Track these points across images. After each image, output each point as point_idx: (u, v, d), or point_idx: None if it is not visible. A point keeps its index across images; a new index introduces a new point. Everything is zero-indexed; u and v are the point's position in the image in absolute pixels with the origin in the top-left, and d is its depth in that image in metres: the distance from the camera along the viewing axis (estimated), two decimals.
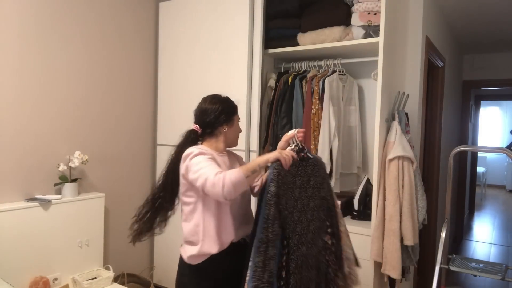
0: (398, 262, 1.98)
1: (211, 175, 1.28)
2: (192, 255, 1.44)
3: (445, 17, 3.32)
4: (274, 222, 1.30)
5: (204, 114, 1.50)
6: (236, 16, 2.44)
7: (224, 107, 1.50)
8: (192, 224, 1.45)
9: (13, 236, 1.95)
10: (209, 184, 1.27)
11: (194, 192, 1.42)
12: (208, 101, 1.52)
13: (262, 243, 1.28)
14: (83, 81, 2.43)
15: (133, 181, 2.82)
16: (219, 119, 1.48)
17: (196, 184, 1.33)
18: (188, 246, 1.47)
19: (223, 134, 1.52)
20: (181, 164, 1.42)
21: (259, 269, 1.26)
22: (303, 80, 2.39)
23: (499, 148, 2.19)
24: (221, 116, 1.48)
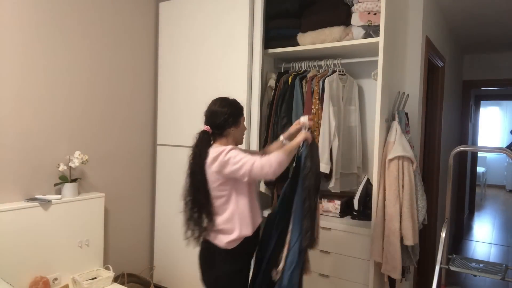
0: (398, 262, 1.98)
1: (256, 161, 1.50)
2: (231, 241, 1.61)
3: (445, 17, 3.32)
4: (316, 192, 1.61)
5: (214, 117, 1.65)
6: (236, 16, 2.44)
7: (232, 110, 1.65)
8: (227, 214, 1.61)
9: (13, 236, 1.95)
10: (257, 167, 1.50)
11: (228, 184, 1.59)
12: (217, 104, 1.67)
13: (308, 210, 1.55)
14: (83, 81, 2.42)
15: (133, 181, 2.82)
16: (227, 121, 1.63)
17: (238, 173, 1.52)
18: (222, 235, 1.63)
19: (231, 134, 1.67)
20: (211, 164, 1.57)
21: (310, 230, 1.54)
22: (303, 80, 2.39)
23: (499, 148, 2.19)
24: (229, 119, 1.63)
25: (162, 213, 2.87)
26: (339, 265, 2.28)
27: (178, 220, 2.77)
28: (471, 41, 4.14)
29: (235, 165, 1.52)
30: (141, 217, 2.90)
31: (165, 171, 2.85)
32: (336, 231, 2.30)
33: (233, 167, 1.52)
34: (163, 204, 2.87)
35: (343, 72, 2.40)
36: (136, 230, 2.86)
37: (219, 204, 1.62)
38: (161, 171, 2.87)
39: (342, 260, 2.27)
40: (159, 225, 2.89)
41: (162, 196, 2.87)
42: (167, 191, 2.83)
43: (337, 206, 2.45)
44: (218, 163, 1.54)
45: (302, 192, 1.58)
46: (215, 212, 1.63)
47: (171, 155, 2.81)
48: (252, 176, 1.53)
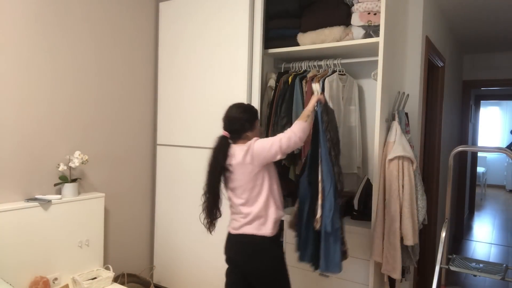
0: (398, 262, 1.98)
1: (281, 136, 1.67)
2: (272, 227, 1.75)
3: (445, 17, 3.32)
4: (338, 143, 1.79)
5: (231, 123, 1.80)
6: (236, 16, 2.44)
7: (247, 116, 1.79)
8: (262, 202, 1.74)
9: (13, 236, 1.95)
10: (285, 140, 1.65)
11: (262, 172, 1.73)
12: (233, 111, 1.81)
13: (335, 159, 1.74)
14: (83, 81, 2.43)
15: (133, 181, 2.82)
16: (244, 126, 1.78)
17: (271, 154, 1.67)
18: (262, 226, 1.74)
19: (248, 137, 1.79)
20: (244, 158, 1.70)
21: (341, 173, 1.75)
22: (303, 80, 2.39)
23: (499, 148, 2.19)
24: (245, 124, 1.78)
25: (162, 213, 2.87)
26: None
27: (178, 220, 2.78)
28: (471, 41, 4.14)
29: (266, 148, 1.68)
30: (141, 217, 2.90)
31: (165, 171, 2.85)
32: None
33: (265, 151, 1.68)
34: (163, 204, 2.87)
35: (343, 72, 2.40)
36: (136, 230, 2.86)
37: (254, 195, 1.74)
38: (161, 171, 2.87)
39: None
40: (159, 225, 2.89)
41: (162, 196, 2.87)
42: (167, 191, 2.83)
43: None
44: (250, 155, 1.70)
45: (325, 144, 1.74)
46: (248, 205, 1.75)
47: (171, 155, 2.81)
48: (283, 151, 1.67)
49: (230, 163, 1.73)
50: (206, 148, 2.61)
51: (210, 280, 2.61)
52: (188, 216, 2.72)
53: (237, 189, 1.76)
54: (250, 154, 1.69)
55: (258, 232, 1.74)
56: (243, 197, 1.76)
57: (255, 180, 1.73)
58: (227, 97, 2.50)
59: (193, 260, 2.70)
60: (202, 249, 2.64)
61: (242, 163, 1.71)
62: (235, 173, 1.73)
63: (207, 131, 2.61)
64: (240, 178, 1.73)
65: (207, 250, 2.62)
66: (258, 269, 1.75)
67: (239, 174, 1.73)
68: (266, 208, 1.75)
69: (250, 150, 1.70)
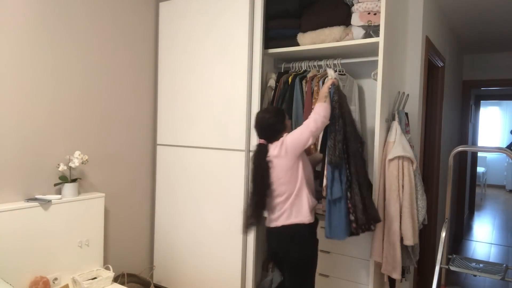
0: (398, 262, 1.98)
1: (307, 122, 1.85)
2: (309, 214, 1.88)
3: (445, 17, 3.32)
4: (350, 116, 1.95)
5: (265, 131, 1.94)
6: (236, 16, 2.45)
7: (278, 120, 1.93)
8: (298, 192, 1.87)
9: (13, 236, 1.95)
10: (313, 123, 1.84)
11: (295, 164, 1.86)
12: (264, 119, 1.94)
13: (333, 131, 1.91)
14: (83, 81, 2.43)
15: (133, 181, 2.82)
16: (278, 130, 1.93)
17: (304, 141, 1.83)
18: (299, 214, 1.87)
19: (283, 135, 1.93)
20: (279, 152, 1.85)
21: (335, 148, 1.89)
22: (303, 80, 2.39)
23: (499, 148, 2.19)
24: (278, 127, 1.93)
25: (162, 213, 2.87)
26: (339, 265, 2.29)
27: (178, 220, 2.78)
28: (471, 41, 4.14)
29: (297, 137, 1.84)
30: (141, 217, 2.91)
31: (165, 171, 2.85)
32: None
33: (297, 140, 1.84)
34: (163, 204, 2.87)
35: (343, 72, 2.40)
36: (136, 230, 2.86)
37: (292, 184, 1.87)
38: (161, 171, 2.87)
39: (342, 260, 2.27)
40: (159, 225, 2.89)
41: (162, 196, 2.87)
42: (167, 191, 2.84)
43: None
44: (284, 148, 1.85)
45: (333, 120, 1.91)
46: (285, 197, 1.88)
47: (171, 155, 2.81)
48: (314, 134, 1.84)
49: (271, 159, 1.87)
50: (206, 148, 2.61)
51: (210, 280, 2.61)
52: (188, 216, 2.72)
53: (275, 183, 1.88)
54: (284, 148, 1.85)
55: (296, 220, 1.87)
56: (281, 190, 1.88)
57: (292, 171, 1.86)
58: (227, 96, 2.50)
59: (193, 260, 2.70)
60: (202, 249, 2.64)
61: (278, 157, 1.86)
62: (274, 168, 1.87)
63: (207, 131, 2.61)
64: (277, 172, 1.86)
65: (207, 250, 2.62)
66: (294, 256, 1.88)
67: (277, 168, 1.86)
68: (302, 197, 1.87)
69: (284, 144, 1.85)
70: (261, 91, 2.44)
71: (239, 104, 2.44)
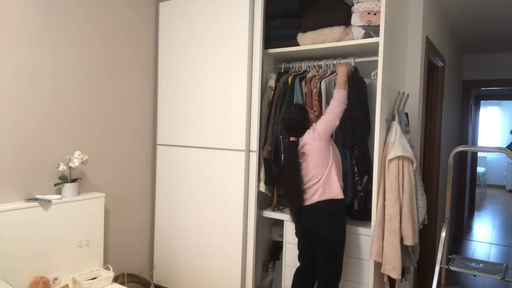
0: (398, 262, 1.98)
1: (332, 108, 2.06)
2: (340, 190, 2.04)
3: (445, 17, 3.32)
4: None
5: (294, 129, 2.09)
6: (236, 16, 2.45)
7: (303, 117, 2.08)
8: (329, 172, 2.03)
9: (13, 236, 1.95)
10: (339, 109, 2.05)
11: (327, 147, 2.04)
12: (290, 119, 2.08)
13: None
14: (83, 81, 2.43)
15: (133, 181, 2.82)
16: (305, 126, 2.09)
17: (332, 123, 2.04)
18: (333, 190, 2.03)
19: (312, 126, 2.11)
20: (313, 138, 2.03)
21: None
22: (303, 80, 2.39)
23: (499, 148, 2.19)
24: (305, 124, 2.09)
25: (162, 213, 2.87)
26: None
27: (178, 220, 2.78)
28: (471, 41, 4.14)
29: (327, 123, 2.04)
30: (141, 217, 2.91)
31: (165, 171, 2.85)
32: None
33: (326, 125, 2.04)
34: (163, 204, 2.87)
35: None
36: (136, 230, 2.86)
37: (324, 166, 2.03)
38: (161, 171, 2.87)
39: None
40: (159, 225, 2.89)
41: (162, 196, 2.87)
42: (167, 191, 2.84)
43: None
44: (317, 133, 2.03)
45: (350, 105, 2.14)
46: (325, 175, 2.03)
47: (171, 155, 2.81)
48: (339, 117, 2.06)
49: (302, 146, 2.06)
50: (206, 148, 2.61)
51: (210, 280, 2.61)
52: (188, 216, 2.72)
53: (309, 167, 2.04)
54: (317, 133, 2.03)
55: (330, 196, 2.02)
56: (315, 172, 2.03)
57: (325, 154, 2.03)
58: (227, 96, 2.50)
59: (193, 260, 2.70)
60: (202, 249, 2.64)
61: (313, 139, 2.03)
62: (309, 152, 2.04)
63: (207, 131, 2.61)
64: (312, 155, 2.03)
65: (207, 250, 2.62)
66: (325, 233, 2.02)
67: (311, 152, 2.03)
68: (332, 176, 2.04)
69: (316, 131, 2.04)
70: (261, 91, 2.44)
71: (239, 104, 2.44)
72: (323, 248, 2.04)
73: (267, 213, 2.52)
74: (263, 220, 2.59)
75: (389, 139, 2.12)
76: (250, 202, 2.44)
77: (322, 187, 2.03)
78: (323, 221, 2.03)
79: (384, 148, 2.14)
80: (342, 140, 2.26)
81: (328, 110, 2.07)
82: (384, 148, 2.14)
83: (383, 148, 2.14)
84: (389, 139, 2.12)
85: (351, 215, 2.42)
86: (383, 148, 2.14)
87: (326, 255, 2.04)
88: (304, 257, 2.18)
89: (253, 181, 2.43)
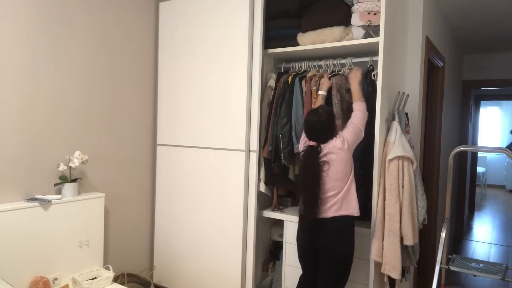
0: (398, 262, 1.98)
1: (357, 119, 2.00)
2: (358, 206, 1.95)
3: (445, 17, 3.32)
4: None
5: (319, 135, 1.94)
6: (236, 16, 2.45)
7: (330, 123, 1.95)
8: (349, 184, 1.95)
9: (13, 236, 1.95)
10: (363, 121, 2.01)
11: (351, 159, 1.96)
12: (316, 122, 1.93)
13: None
14: (83, 81, 2.43)
15: (133, 181, 2.82)
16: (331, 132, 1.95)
17: (360, 135, 1.98)
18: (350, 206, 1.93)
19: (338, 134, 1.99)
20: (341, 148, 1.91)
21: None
22: (303, 80, 2.39)
23: (499, 148, 2.19)
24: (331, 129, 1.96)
25: (162, 213, 2.87)
26: None
27: (178, 220, 2.78)
28: (471, 41, 4.14)
29: (355, 135, 1.97)
30: (141, 217, 2.91)
31: (165, 171, 2.85)
32: None
33: (355, 137, 1.96)
34: (163, 204, 2.87)
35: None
36: (136, 230, 2.86)
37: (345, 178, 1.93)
38: (161, 171, 2.87)
39: None
40: (159, 225, 2.89)
41: (162, 196, 2.87)
42: (167, 191, 2.84)
43: None
44: (346, 144, 1.92)
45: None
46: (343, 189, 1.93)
47: (171, 155, 2.81)
48: (363, 127, 2.01)
49: (326, 154, 1.92)
50: (206, 148, 2.61)
51: (210, 280, 2.61)
52: (188, 216, 2.72)
53: (330, 178, 1.92)
54: (346, 143, 1.92)
55: (346, 212, 1.93)
56: (334, 184, 1.92)
57: (347, 167, 1.94)
58: (227, 96, 2.50)
59: (193, 260, 2.70)
60: (202, 249, 2.64)
61: (341, 150, 1.92)
62: (332, 163, 1.91)
63: (207, 131, 2.61)
64: (335, 167, 1.92)
65: (207, 250, 2.62)
66: (338, 248, 1.92)
67: (335, 163, 1.92)
68: (352, 191, 1.95)
69: (346, 140, 1.93)
70: (261, 91, 2.44)
71: (239, 104, 2.45)
72: (335, 265, 1.93)
73: (267, 213, 2.52)
74: (263, 220, 2.59)
75: (389, 139, 2.12)
76: (250, 202, 2.44)
77: (340, 202, 1.92)
78: (341, 237, 1.92)
79: (384, 148, 2.14)
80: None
81: (353, 121, 1.99)
82: (384, 148, 2.14)
83: (383, 148, 2.14)
84: (389, 139, 2.12)
85: None
86: (383, 148, 2.14)
87: (337, 273, 1.93)
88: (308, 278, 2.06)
89: (253, 181, 2.43)
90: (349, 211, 1.92)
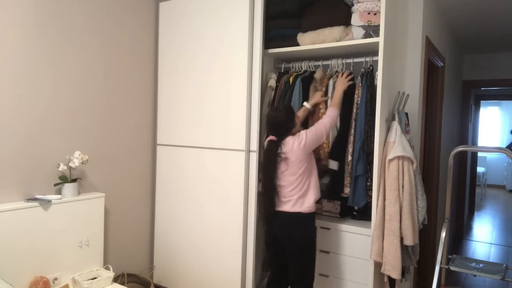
0: (398, 262, 1.98)
1: (324, 124, 2.05)
2: (313, 204, 2.05)
3: (445, 17, 3.32)
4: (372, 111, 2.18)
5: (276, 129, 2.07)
6: (236, 16, 2.45)
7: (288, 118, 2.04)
8: (306, 183, 2.03)
9: (13, 236, 1.95)
10: (328, 126, 2.06)
11: (308, 157, 2.03)
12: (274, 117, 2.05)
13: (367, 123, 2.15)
14: (83, 81, 2.43)
15: (133, 181, 2.82)
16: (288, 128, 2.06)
17: (320, 138, 2.03)
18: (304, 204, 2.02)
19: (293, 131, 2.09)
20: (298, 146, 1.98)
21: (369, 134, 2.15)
22: (304, 80, 2.39)
23: (499, 148, 2.19)
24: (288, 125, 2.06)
25: (162, 213, 2.87)
26: (339, 265, 2.29)
27: (178, 220, 2.78)
28: (471, 41, 4.14)
29: (316, 136, 2.02)
30: (141, 217, 2.91)
31: (165, 171, 2.85)
32: (336, 231, 2.30)
33: (315, 138, 2.02)
34: (163, 204, 2.87)
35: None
36: (136, 230, 2.86)
37: (302, 177, 2.01)
38: (161, 171, 2.87)
39: (342, 260, 2.27)
40: (159, 225, 2.89)
41: (162, 196, 2.87)
42: (167, 191, 2.84)
43: (337, 206, 2.45)
44: (303, 143, 1.99)
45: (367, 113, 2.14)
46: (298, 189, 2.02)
47: (171, 155, 2.81)
48: (327, 133, 2.06)
49: (284, 151, 2.00)
50: (206, 148, 2.61)
51: (210, 280, 2.61)
52: (188, 216, 2.72)
53: (286, 173, 2.02)
54: (303, 142, 1.99)
55: (300, 209, 2.02)
56: (291, 179, 2.02)
57: (304, 165, 2.01)
58: (227, 96, 2.50)
59: (193, 260, 2.70)
60: (202, 249, 2.64)
61: (297, 148, 1.99)
62: (289, 160, 1.99)
63: (207, 131, 2.61)
64: (291, 163, 2.00)
65: (207, 250, 2.62)
66: (297, 240, 2.03)
67: (291, 160, 1.99)
68: (308, 190, 2.04)
69: (304, 139, 2.00)
70: (261, 91, 2.44)
71: (239, 104, 2.45)
72: (297, 256, 2.04)
73: None
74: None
75: (389, 139, 2.12)
76: (250, 202, 2.44)
77: (295, 200, 2.02)
78: (294, 228, 2.04)
79: (384, 148, 2.14)
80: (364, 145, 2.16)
81: (320, 122, 2.06)
82: (384, 148, 2.14)
83: (383, 148, 2.14)
84: (389, 139, 2.12)
85: (351, 215, 2.42)
86: (383, 148, 2.14)
87: (301, 263, 2.04)
88: (274, 265, 2.18)
89: (253, 181, 2.43)
90: (302, 208, 2.02)
